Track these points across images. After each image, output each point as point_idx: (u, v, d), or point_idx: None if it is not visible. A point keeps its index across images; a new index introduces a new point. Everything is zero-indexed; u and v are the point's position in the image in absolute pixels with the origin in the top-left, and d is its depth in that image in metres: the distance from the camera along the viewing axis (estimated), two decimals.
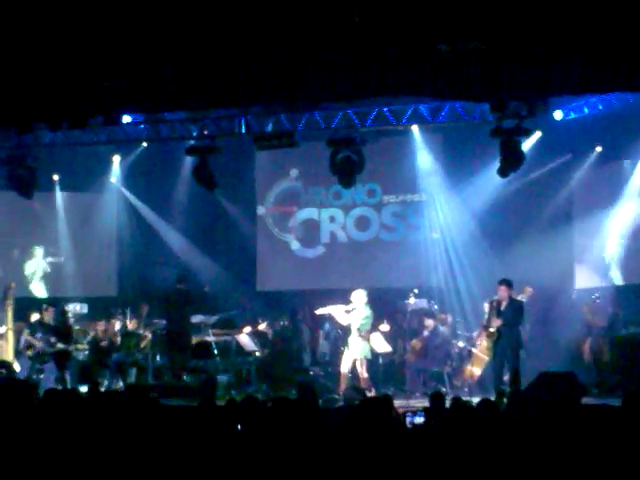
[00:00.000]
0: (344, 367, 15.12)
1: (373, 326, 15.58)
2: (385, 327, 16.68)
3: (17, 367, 16.55)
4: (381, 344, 15.89)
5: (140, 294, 20.04)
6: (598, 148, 17.77)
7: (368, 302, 15.24)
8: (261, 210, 21.23)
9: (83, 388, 14.27)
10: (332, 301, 15.97)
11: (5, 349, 17.00)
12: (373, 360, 15.67)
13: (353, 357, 15.07)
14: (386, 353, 16.27)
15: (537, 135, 16.53)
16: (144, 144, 19.18)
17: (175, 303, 17.31)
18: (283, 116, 16.32)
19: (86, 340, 17.93)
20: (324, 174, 16.83)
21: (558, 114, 16.25)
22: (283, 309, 18.67)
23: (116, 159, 20.73)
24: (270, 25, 10.43)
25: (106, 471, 6.15)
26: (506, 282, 14.44)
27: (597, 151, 17.83)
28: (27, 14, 10.26)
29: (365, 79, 12.12)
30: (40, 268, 21.28)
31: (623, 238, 17.46)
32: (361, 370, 14.98)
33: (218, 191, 17.41)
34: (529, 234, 17.87)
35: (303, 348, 17.21)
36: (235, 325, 18.10)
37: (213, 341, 17.37)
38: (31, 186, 17.13)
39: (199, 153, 16.45)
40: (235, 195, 20.61)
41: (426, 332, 16.76)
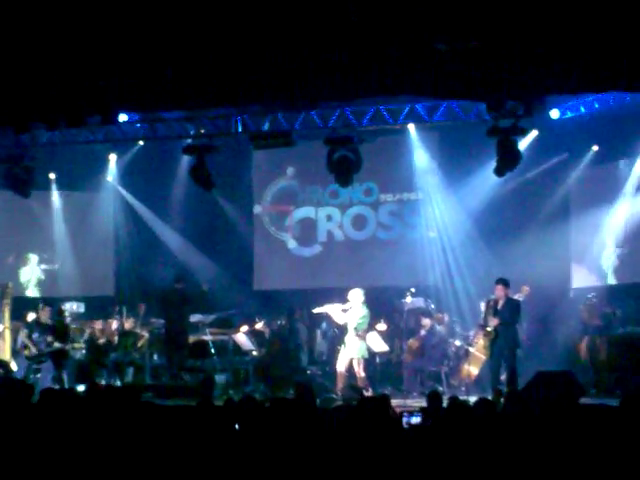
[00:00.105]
0: (340, 366, 15.11)
1: (370, 325, 15.58)
2: (382, 326, 16.69)
3: (14, 367, 16.54)
4: (378, 343, 15.90)
5: (137, 293, 20.03)
6: (594, 147, 17.80)
7: (365, 301, 15.25)
8: (258, 209, 21.23)
9: (80, 387, 14.29)
10: (329, 300, 15.96)
11: (2, 349, 17.02)
12: (370, 359, 15.69)
13: (350, 356, 15.06)
14: (383, 352, 16.29)
15: (533, 134, 16.54)
16: (141, 143, 19.16)
17: (173, 303, 17.31)
18: (280, 115, 16.32)
19: (83, 339, 17.93)
20: (321, 173, 16.81)
21: (555, 113, 16.23)
22: (280, 308, 18.64)
23: (113, 158, 20.72)
24: (267, 24, 10.42)
25: (104, 471, 6.15)
26: (503, 281, 14.43)
27: (593, 150, 17.87)
28: (24, 14, 10.25)
29: (362, 78, 12.13)
30: (35, 275, 21.27)
31: (619, 237, 17.49)
32: (358, 369, 14.96)
33: (215, 190, 17.38)
34: (526, 233, 17.89)
35: (300, 347, 17.18)
36: (232, 324, 18.08)
37: (210, 340, 17.36)
38: (28, 185, 17.10)
39: (196, 152, 16.44)
40: (232, 194, 20.63)
41: (423, 331, 16.76)
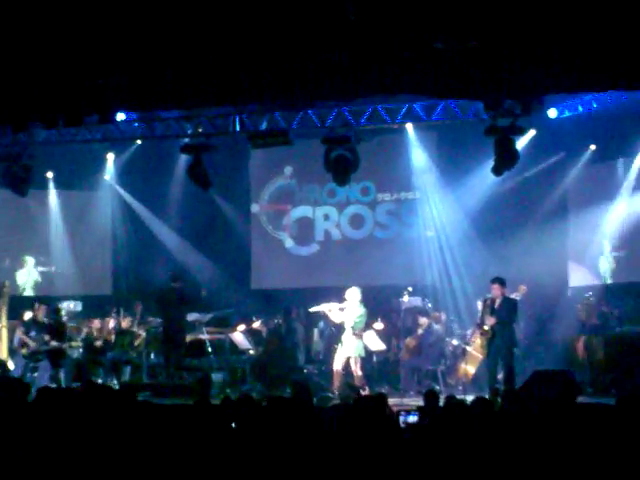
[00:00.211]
0: (337, 365, 15.09)
1: (367, 324, 15.57)
2: (379, 325, 16.68)
3: (11, 365, 16.54)
4: (375, 342, 15.90)
5: (135, 292, 20.02)
6: (592, 146, 17.82)
7: (362, 300, 15.23)
8: (255, 208, 21.24)
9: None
10: (326, 299, 15.94)
11: None
12: (367, 358, 15.69)
13: (347, 355, 15.03)
14: (380, 351, 16.31)
15: (531, 133, 16.54)
16: (138, 142, 19.16)
17: (170, 302, 17.27)
18: (277, 114, 16.30)
19: (80, 338, 17.91)
20: (318, 172, 16.78)
21: (552, 112, 16.22)
22: (277, 307, 18.61)
23: (110, 157, 20.73)
24: (265, 23, 10.42)
25: (100, 470, 6.16)
26: (499, 280, 14.38)
27: (591, 149, 17.88)
28: (22, 13, 10.25)
29: (360, 77, 12.11)
30: (31, 278, 21.24)
31: (616, 240, 17.51)
32: (355, 368, 14.94)
33: (212, 189, 17.38)
34: (523, 232, 17.91)
35: (297, 346, 17.15)
36: (229, 323, 18.07)
37: (207, 339, 17.34)
38: (25, 184, 17.08)
39: (194, 151, 16.41)
40: (229, 193, 20.64)
41: (420, 330, 16.74)
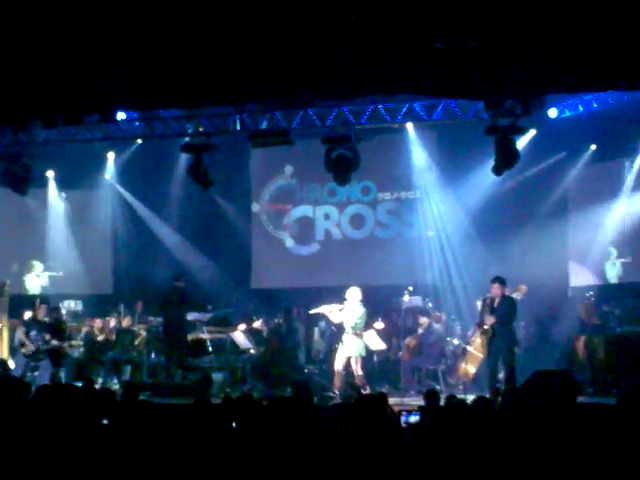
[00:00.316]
0: (338, 364, 15.07)
1: (367, 324, 15.55)
2: (379, 325, 16.65)
3: (12, 365, 16.54)
4: (375, 342, 15.88)
5: (136, 291, 20.01)
6: (593, 146, 17.82)
7: (362, 299, 15.22)
8: (256, 207, 21.24)
9: (78, 385, 14.26)
10: (327, 298, 15.94)
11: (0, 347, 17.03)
12: (368, 358, 15.68)
13: (347, 355, 15.01)
14: (381, 351, 16.29)
15: (532, 133, 16.56)
16: (139, 141, 19.17)
17: (172, 301, 17.23)
18: (278, 113, 16.31)
19: (80, 337, 17.90)
20: (319, 171, 16.78)
21: (553, 112, 16.24)
22: (278, 307, 18.61)
23: (111, 156, 20.74)
24: (265, 23, 10.42)
25: (99, 469, 6.14)
26: (499, 280, 14.36)
27: (591, 149, 17.88)
28: (22, 12, 10.24)
29: (360, 77, 12.11)
30: (40, 285, 21.23)
31: (620, 246, 17.48)
32: (356, 368, 14.92)
33: (213, 188, 17.37)
34: (524, 232, 17.91)
35: (298, 346, 17.15)
36: (230, 323, 18.03)
37: (208, 339, 17.32)
38: (25, 183, 17.08)
39: (194, 150, 16.42)
40: (230, 192, 20.63)
41: (420, 330, 16.74)
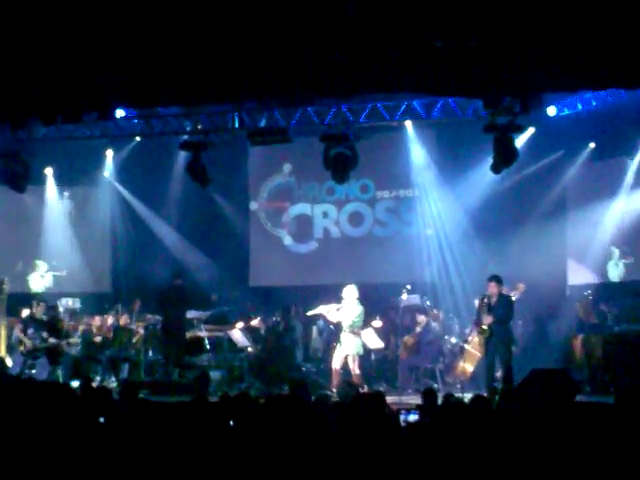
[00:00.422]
0: (336, 363, 15.06)
1: (365, 322, 15.54)
2: (377, 323, 16.65)
3: (9, 362, 16.52)
4: (373, 340, 15.87)
5: (134, 289, 20.01)
6: (591, 144, 17.81)
7: (359, 298, 15.20)
8: (254, 205, 21.22)
9: (75, 383, 14.25)
10: (325, 297, 15.94)
11: None
12: (365, 356, 15.67)
13: (345, 353, 15.00)
14: (378, 349, 16.28)
15: (530, 131, 16.55)
16: (138, 139, 19.15)
17: (171, 299, 17.20)
18: (277, 111, 16.31)
19: (77, 335, 17.87)
20: (317, 169, 16.77)
21: (551, 110, 16.22)
22: (276, 305, 18.59)
23: (110, 153, 20.71)
24: (264, 21, 10.41)
25: (96, 467, 6.13)
26: (496, 278, 14.32)
27: (590, 147, 17.87)
28: (21, 10, 10.23)
29: (359, 75, 12.11)
30: (43, 285, 21.21)
31: (624, 243, 17.47)
32: (353, 366, 14.91)
33: (211, 186, 17.36)
34: (522, 230, 17.90)
35: (296, 344, 17.14)
36: (228, 321, 18.01)
37: (206, 337, 17.31)
38: (24, 180, 17.08)
39: (192, 148, 16.41)
40: (228, 190, 20.62)
41: (418, 328, 16.74)
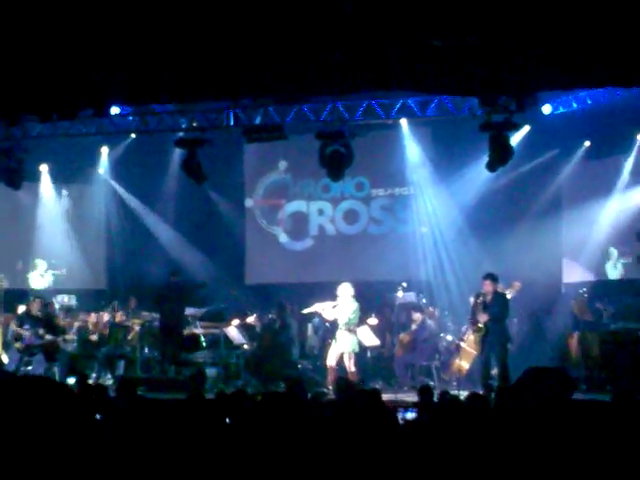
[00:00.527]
0: (331, 360, 15.04)
1: (361, 319, 15.54)
2: (373, 321, 16.65)
3: (5, 359, 16.51)
4: (369, 337, 15.88)
5: (129, 286, 20.00)
6: (586, 143, 17.83)
7: (354, 295, 15.20)
8: (249, 202, 21.20)
9: (71, 380, 14.26)
10: (320, 294, 15.92)
11: None
12: (361, 354, 15.66)
13: (341, 350, 14.98)
14: (374, 346, 16.28)
15: (526, 129, 16.55)
16: (133, 136, 19.11)
17: (168, 296, 17.18)
18: (272, 109, 16.29)
19: (72, 331, 17.84)
20: (313, 167, 16.76)
21: (547, 108, 16.25)
22: (272, 302, 18.58)
23: (105, 150, 20.68)
24: (260, 18, 10.41)
25: (92, 464, 6.13)
26: (491, 276, 14.32)
27: (585, 146, 17.89)
28: (17, 7, 10.22)
29: (355, 73, 12.13)
30: (43, 286, 21.18)
31: (623, 242, 17.48)
32: (349, 364, 14.90)
33: (207, 183, 17.32)
34: (517, 228, 17.93)
35: (292, 341, 17.13)
36: (223, 318, 17.99)
37: (201, 334, 17.30)
38: (19, 177, 17.05)
39: (188, 145, 16.39)
40: (224, 187, 20.60)
41: (414, 326, 16.75)
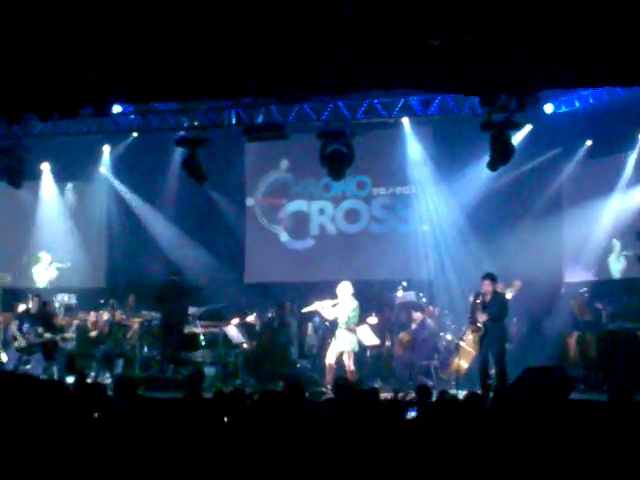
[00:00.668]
0: (329, 359, 15.02)
1: (361, 319, 15.54)
2: (373, 320, 16.65)
3: (4, 358, 16.52)
4: (369, 336, 15.87)
5: (129, 285, 19.99)
6: (588, 142, 17.80)
7: (354, 294, 15.18)
8: (250, 201, 21.18)
9: (70, 379, 14.26)
10: (321, 293, 15.90)
11: None
12: (360, 353, 15.66)
13: (340, 349, 14.97)
14: (374, 346, 16.28)
15: (527, 128, 16.53)
16: (134, 134, 19.11)
17: (169, 295, 17.18)
18: (273, 108, 16.30)
19: (71, 330, 17.84)
20: (314, 166, 16.72)
21: (549, 107, 16.23)
22: (271, 301, 18.59)
23: (106, 149, 20.69)
24: (261, 17, 10.40)
25: (91, 462, 6.15)
26: (490, 276, 14.25)
27: (587, 145, 17.86)
28: (18, 5, 10.22)
29: (356, 72, 12.11)
30: (48, 277, 21.19)
31: (626, 235, 17.44)
32: (348, 363, 14.88)
33: (207, 182, 17.29)
34: (518, 227, 17.90)
35: (291, 341, 17.14)
36: (223, 317, 17.97)
37: (200, 333, 17.28)
38: (20, 176, 17.06)
39: (189, 144, 16.38)
40: (225, 186, 20.56)
41: (414, 325, 16.76)
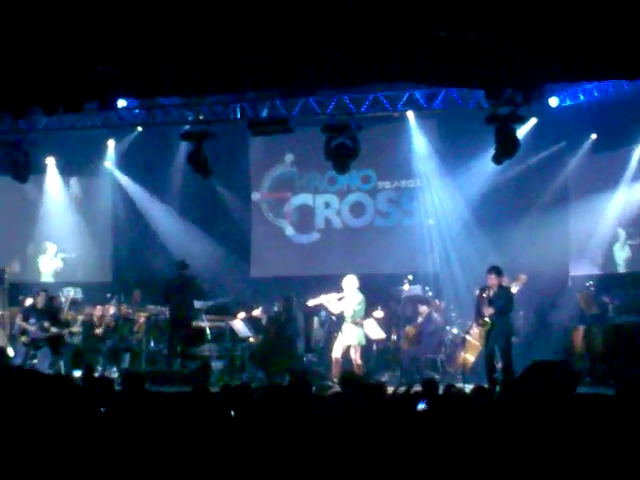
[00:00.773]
0: (336, 353, 15.05)
1: (367, 312, 15.55)
2: (379, 313, 16.66)
3: (11, 353, 16.54)
4: (375, 330, 15.88)
5: (134, 279, 20.01)
6: (593, 135, 17.76)
7: (360, 287, 15.19)
8: (256, 196, 21.18)
9: (77, 373, 14.29)
10: (326, 287, 15.91)
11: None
12: (367, 347, 15.67)
13: (347, 343, 14.99)
14: (380, 339, 16.28)
15: (532, 122, 16.51)
16: (139, 129, 19.11)
17: (178, 290, 17.18)
18: (278, 102, 16.29)
19: (77, 324, 17.85)
20: (319, 160, 16.74)
21: (554, 101, 16.17)
22: (277, 295, 18.59)
23: (111, 143, 20.68)
24: (266, 11, 10.40)
25: (97, 458, 6.15)
26: (495, 270, 14.17)
27: (592, 138, 17.82)
28: (22, 0, 10.23)
29: (361, 65, 12.11)
30: (53, 267, 21.21)
31: (632, 224, 17.40)
32: (355, 357, 14.91)
33: (213, 177, 17.35)
34: (524, 221, 17.90)
35: (297, 335, 17.13)
36: (229, 311, 18.00)
37: (207, 327, 17.31)
38: (26, 170, 17.08)
39: (194, 139, 16.40)
40: (230, 180, 20.57)
41: (420, 319, 16.75)
